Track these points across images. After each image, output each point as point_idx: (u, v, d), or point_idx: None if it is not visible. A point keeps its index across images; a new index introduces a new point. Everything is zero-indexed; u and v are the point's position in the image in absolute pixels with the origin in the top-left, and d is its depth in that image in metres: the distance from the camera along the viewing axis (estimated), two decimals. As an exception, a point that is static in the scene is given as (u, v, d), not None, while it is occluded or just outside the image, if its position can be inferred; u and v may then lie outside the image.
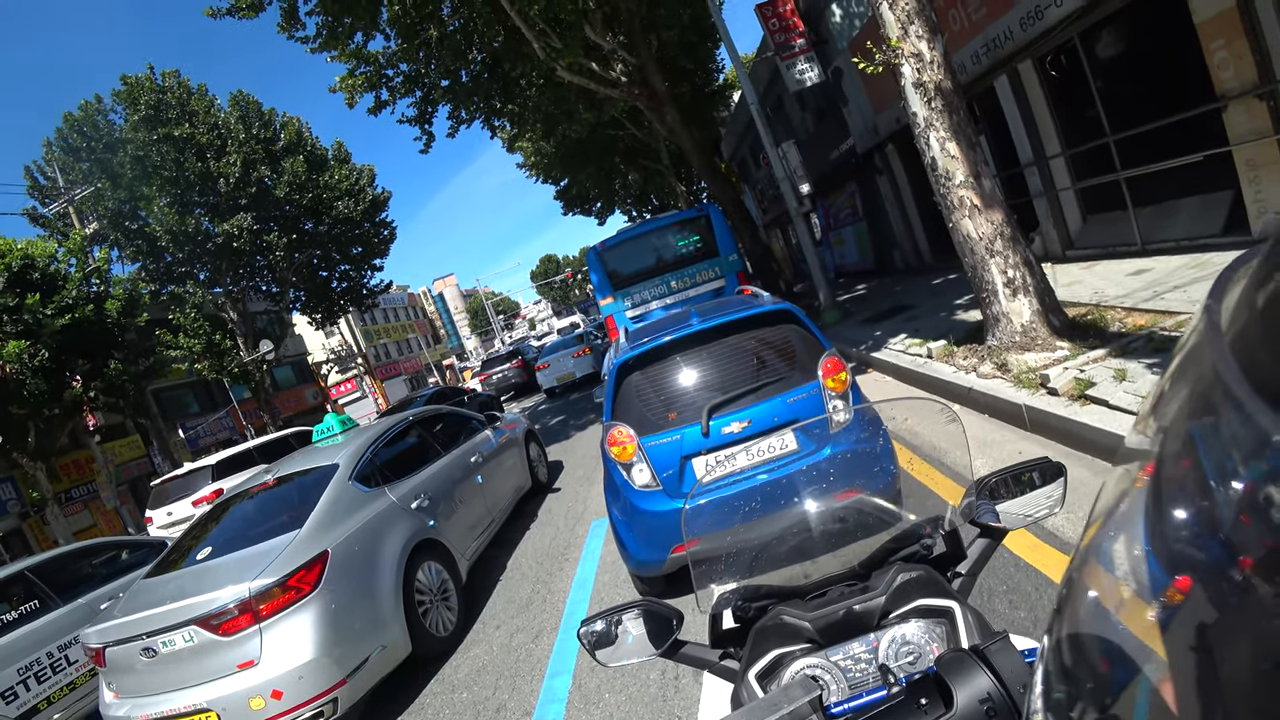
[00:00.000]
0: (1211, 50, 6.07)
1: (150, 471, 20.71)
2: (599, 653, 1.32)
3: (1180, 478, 0.40)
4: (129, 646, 3.66)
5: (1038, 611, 2.78)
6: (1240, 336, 0.38)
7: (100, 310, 14.94)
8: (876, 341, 8.53)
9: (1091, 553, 0.49)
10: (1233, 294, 0.42)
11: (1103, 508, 0.49)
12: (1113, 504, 0.48)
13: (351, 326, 45.70)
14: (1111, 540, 0.46)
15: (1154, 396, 0.46)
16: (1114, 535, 0.46)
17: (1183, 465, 0.40)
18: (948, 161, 5.62)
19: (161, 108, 19.61)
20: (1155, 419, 0.44)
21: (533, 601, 4.77)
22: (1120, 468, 0.48)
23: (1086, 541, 0.50)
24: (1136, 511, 0.43)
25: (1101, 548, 0.48)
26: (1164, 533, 0.40)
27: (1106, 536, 0.47)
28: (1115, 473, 0.49)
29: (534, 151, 25.15)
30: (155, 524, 11.77)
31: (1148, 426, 0.45)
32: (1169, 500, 0.40)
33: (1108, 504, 0.49)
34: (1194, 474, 0.38)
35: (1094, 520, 0.50)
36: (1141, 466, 0.44)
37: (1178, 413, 0.42)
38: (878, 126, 13.39)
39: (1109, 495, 0.49)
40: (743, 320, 3.84)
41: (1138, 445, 0.46)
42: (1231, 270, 0.44)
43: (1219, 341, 0.39)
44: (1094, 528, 0.49)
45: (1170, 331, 4.77)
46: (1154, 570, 0.40)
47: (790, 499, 1.58)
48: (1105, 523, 0.48)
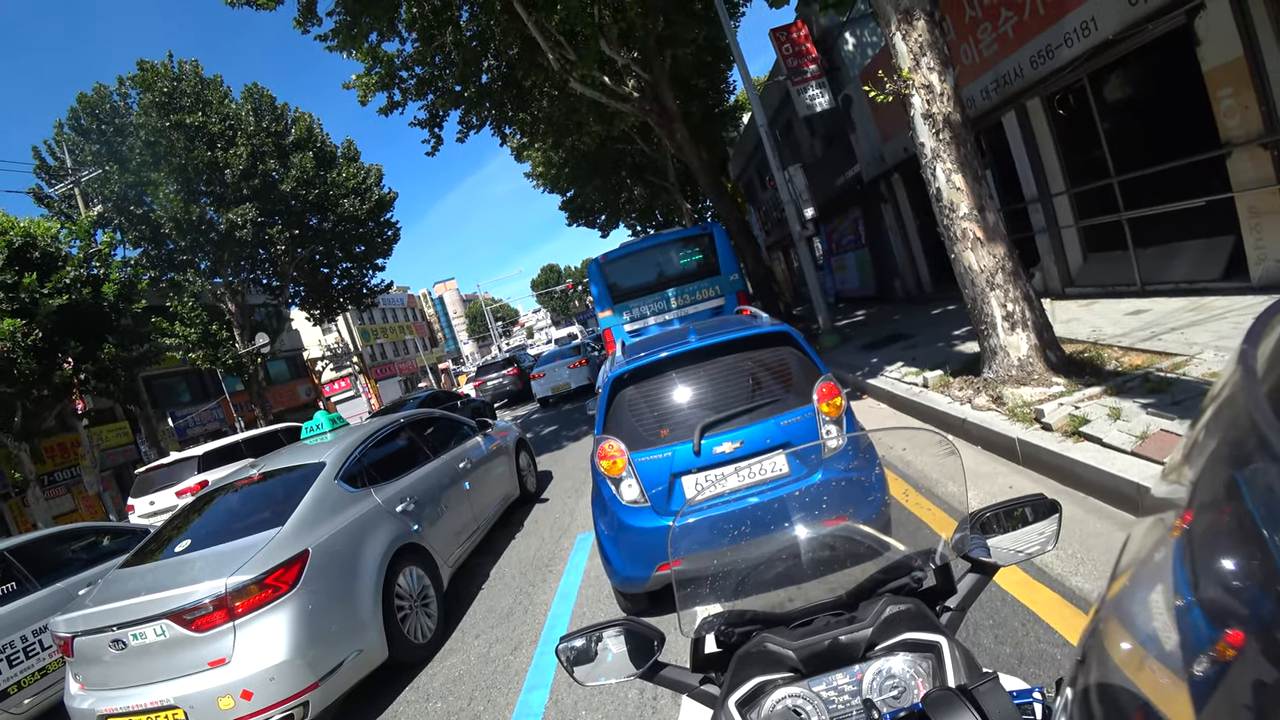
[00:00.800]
0: (1219, 97, 6.13)
1: (136, 459, 20.54)
2: (577, 670, 1.29)
3: (1225, 526, 0.37)
4: (98, 637, 3.59)
5: (1024, 648, 2.74)
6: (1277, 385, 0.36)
7: (98, 293, 14.87)
8: (873, 368, 8.52)
9: (1122, 602, 0.47)
10: (1269, 341, 0.40)
11: (1133, 557, 0.47)
12: (1145, 553, 0.45)
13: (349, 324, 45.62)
14: (1146, 590, 0.44)
15: (1186, 445, 0.44)
16: (1148, 585, 0.44)
17: (1224, 513, 0.38)
18: (953, 193, 5.64)
19: (176, 95, 19.68)
20: (1189, 467, 0.42)
21: (514, 612, 4.71)
22: (1149, 518, 0.46)
23: (1115, 590, 0.48)
24: (1172, 561, 0.41)
25: (1134, 597, 0.45)
26: (1209, 584, 0.37)
27: (1140, 586, 0.45)
28: (1144, 522, 0.47)
29: (542, 161, 25.27)
30: (137, 512, 11.65)
31: (1181, 475, 0.43)
32: (1214, 550, 0.38)
33: (1138, 553, 0.46)
34: (1241, 522, 0.36)
35: (1123, 570, 0.48)
36: (1177, 515, 0.42)
37: (1217, 460, 0.39)
38: (884, 155, 13.49)
39: (1139, 545, 0.46)
40: (740, 340, 3.83)
41: (1170, 494, 0.44)
42: (1268, 316, 0.42)
43: (1255, 389, 0.37)
44: (1124, 577, 0.47)
45: (1167, 373, 4.77)
46: (1199, 623, 0.38)
47: (779, 523, 1.56)
48: (1137, 572, 0.46)
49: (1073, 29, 7.24)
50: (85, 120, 19.64)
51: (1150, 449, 3.71)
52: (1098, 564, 3.17)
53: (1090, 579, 3.07)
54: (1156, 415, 4.09)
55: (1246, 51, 5.79)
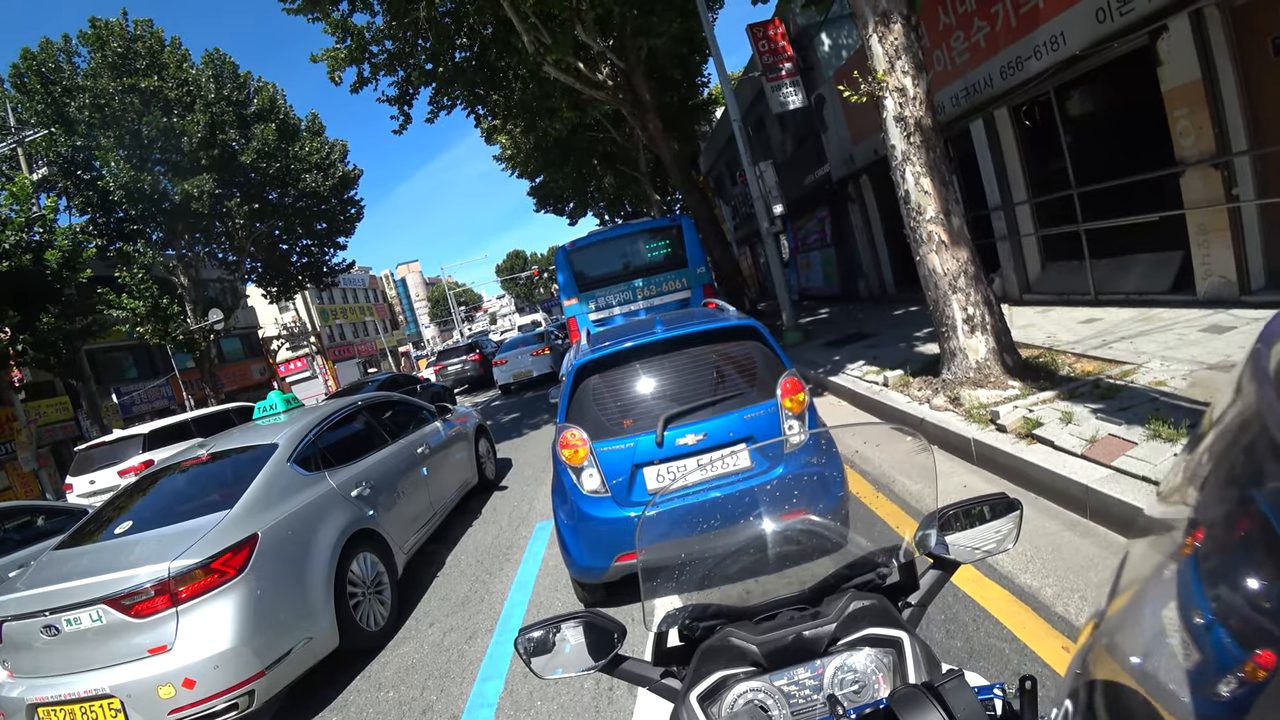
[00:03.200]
0: (1175, 117, 6.34)
1: (76, 436, 19.71)
2: (535, 661, 1.26)
3: (1245, 545, 0.36)
4: (29, 622, 3.42)
5: (974, 642, 2.81)
6: None
7: (39, 260, 14.16)
8: (835, 366, 8.63)
9: (1128, 619, 0.45)
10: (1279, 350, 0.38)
11: (1134, 575, 0.46)
12: (1149, 572, 0.44)
13: (308, 303, 44.53)
14: (1154, 608, 0.43)
15: (1187, 466, 0.43)
16: (1156, 603, 0.43)
17: (1243, 529, 0.36)
18: (921, 196, 5.72)
19: (130, 56, 18.80)
20: (1193, 487, 0.41)
21: (469, 601, 4.65)
22: (1150, 537, 0.45)
23: (1118, 607, 0.47)
24: (1185, 580, 0.40)
25: (1141, 615, 0.44)
26: (1234, 602, 0.36)
27: (1146, 603, 0.44)
28: (1143, 542, 0.46)
29: (512, 145, 24.92)
30: (75, 491, 11.19)
31: (1185, 495, 0.41)
32: (1236, 569, 0.36)
33: (1141, 571, 0.45)
34: (1265, 538, 0.34)
35: (1125, 587, 0.46)
36: (1185, 534, 0.41)
37: (1228, 477, 0.38)
38: (854, 156, 13.65)
39: (1141, 563, 0.45)
40: (707, 333, 3.83)
41: (1173, 514, 0.42)
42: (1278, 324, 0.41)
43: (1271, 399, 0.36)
44: (1126, 595, 0.46)
45: (1116, 380, 4.93)
46: (1223, 642, 0.37)
47: (743, 516, 1.56)
48: (1142, 590, 0.45)
49: (1042, 42, 7.41)
50: (30, 79, 18.63)
51: (1099, 452, 3.83)
52: (1046, 562, 3.26)
53: (1038, 577, 3.16)
54: (1105, 420, 4.23)
55: (1204, 75, 6.00)
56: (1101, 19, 6.53)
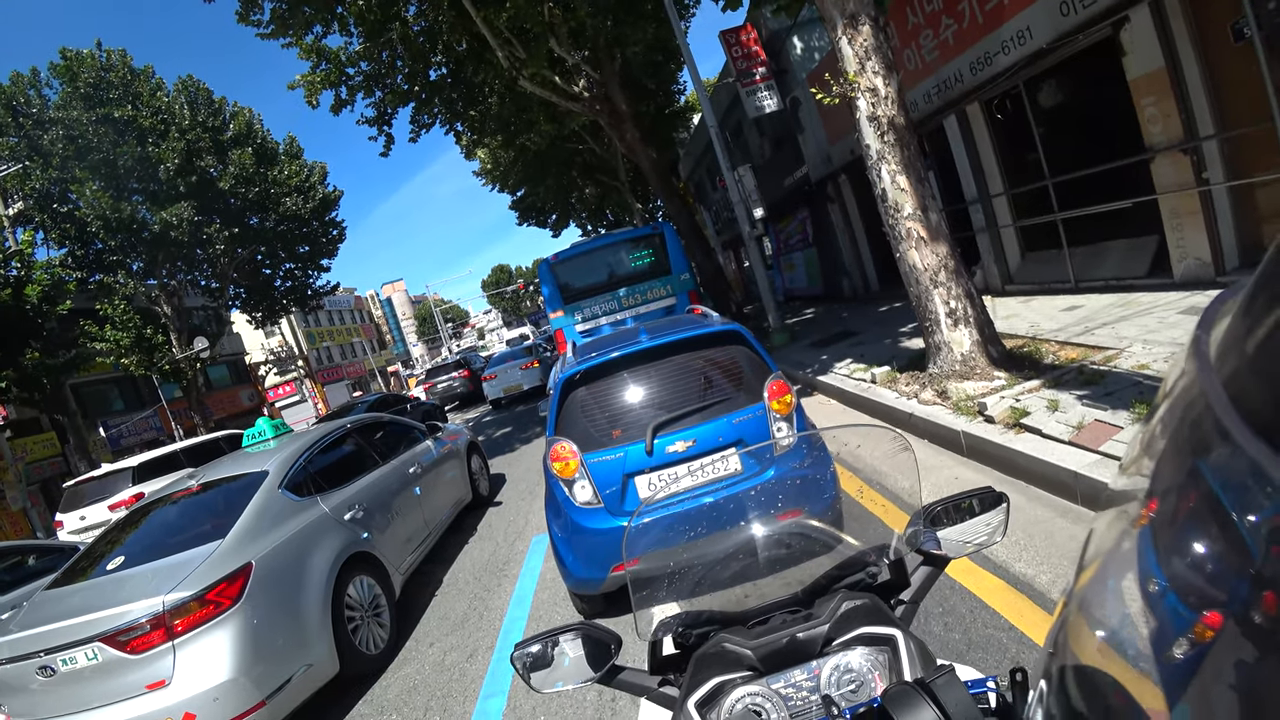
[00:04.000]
0: (1143, 106, 6.46)
1: (65, 472, 19.44)
2: (533, 676, 1.27)
3: (1193, 512, 0.38)
4: (24, 664, 3.38)
5: (971, 634, 2.84)
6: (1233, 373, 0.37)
7: (19, 296, 13.99)
8: (823, 365, 8.69)
9: (1092, 593, 0.48)
10: (1220, 327, 0.41)
11: (1098, 548, 0.48)
12: (1111, 544, 0.46)
13: (294, 327, 44.22)
14: (1115, 579, 0.45)
15: (1143, 438, 0.45)
16: (1117, 575, 0.45)
17: (1190, 499, 0.39)
18: (897, 194, 5.79)
19: (102, 86, 18.66)
20: (1148, 458, 0.43)
21: (468, 619, 4.63)
22: (1111, 510, 0.47)
23: (1084, 581, 0.49)
24: (1142, 549, 0.42)
25: (1104, 588, 0.46)
26: (1182, 569, 0.38)
27: (1108, 576, 0.46)
28: (1106, 515, 0.48)
29: (491, 159, 24.93)
30: (66, 528, 11.04)
31: (1140, 466, 0.44)
32: (1184, 535, 0.38)
33: (1104, 544, 0.47)
34: (1210, 507, 0.37)
35: (1089, 562, 0.49)
36: (1141, 505, 0.43)
37: (1177, 449, 0.41)
38: (831, 156, 13.77)
39: (1104, 536, 0.47)
40: (691, 339, 3.85)
41: (1130, 486, 0.45)
42: (1218, 304, 0.43)
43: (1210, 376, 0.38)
44: (1091, 569, 0.48)
45: (1099, 366, 5.00)
46: (1175, 607, 0.39)
47: (734, 521, 1.57)
48: (1105, 563, 0.47)
49: (1009, 37, 7.52)
50: (0, 113, 18.47)
51: (1086, 438, 3.88)
52: (1039, 550, 3.30)
53: (1032, 565, 3.19)
54: (1091, 406, 4.29)
55: (1168, 63, 6.12)
56: (1065, 12, 6.65)
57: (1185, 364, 0.43)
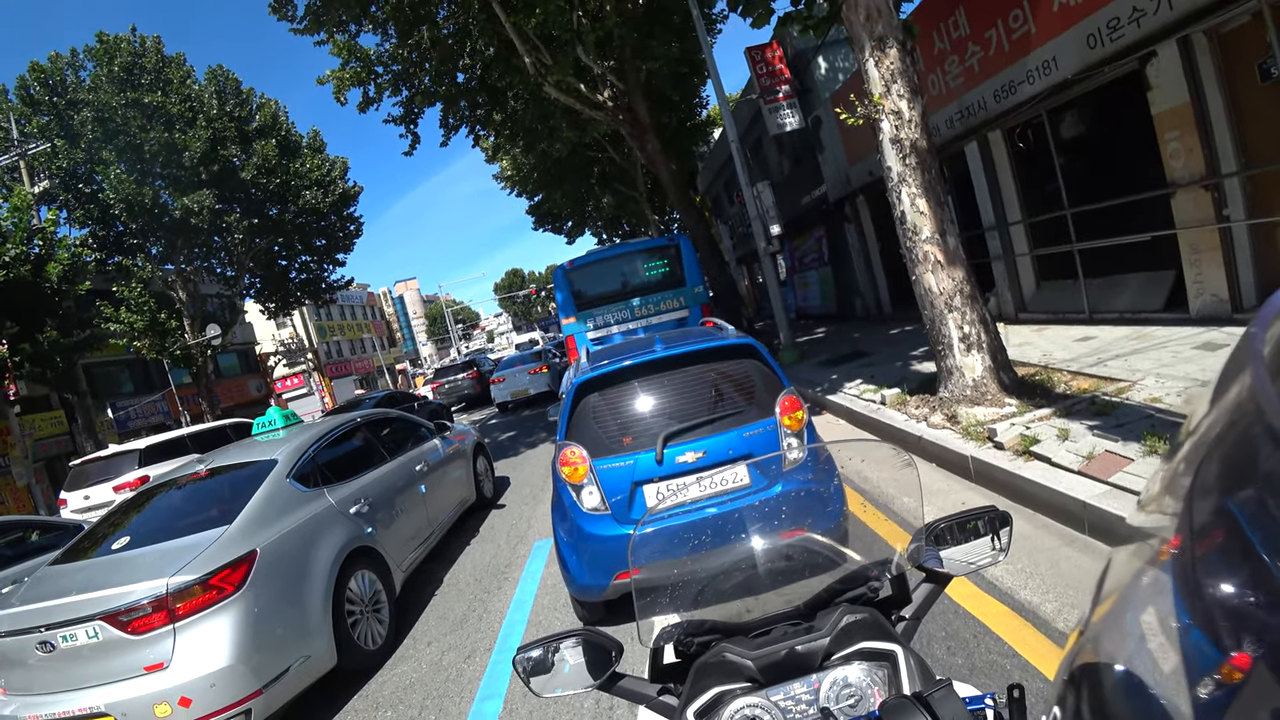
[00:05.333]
0: (1166, 140, 6.45)
1: (71, 450, 19.58)
2: (534, 681, 1.27)
3: (1221, 551, 0.38)
4: (25, 638, 3.40)
5: (975, 659, 2.81)
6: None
7: (38, 273, 14.15)
8: (832, 384, 8.66)
9: (1110, 625, 0.47)
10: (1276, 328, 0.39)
11: (1117, 582, 0.48)
12: (1130, 578, 0.46)
13: (305, 320, 44.52)
14: (1135, 613, 0.45)
15: (1165, 476, 0.45)
16: (1137, 608, 0.45)
17: (1219, 538, 0.38)
18: (916, 217, 5.79)
19: (135, 71, 18.96)
20: (1170, 496, 0.43)
21: (467, 619, 4.63)
22: (1131, 545, 0.47)
23: (1101, 613, 0.49)
24: (1164, 586, 0.42)
25: (1124, 620, 0.46)
26: (1209, 608, 0.38)
27: (1128, 609, 0.46)
28: (1124, 550, 0.48)
29: (513, 165, 25.09)
30: (70, 507, 11.10)
31: (1162, 504, 0.43)
32: (1212, 574, 0.38)
33: (1123, 578, 0.47)
34: (1240, 546, 0.36)
35: (1107, 594, 0.48)
36: (1163, 541, 0.43)
37: (1204, 487, 0.40)
38: (850, 177, 13.80)
39: (1123, 570, 0.47)
40: (705, 351, 3.85)
41: (1151, 523, 0.44)
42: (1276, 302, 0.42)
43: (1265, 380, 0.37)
44: (1109, 601, 0.48)
45: (1112, 397, 4.97)
46: (1200, 646, 0.38)
47: (739, 534, 1.57)
48: (1124, 596, 0.47)
49: (1035, 67, 7.54)
50: (36, 90, 18.75)
51: (1096, 469, 3.85)
52: (1045, 578, 3.27)
53: (1038, 593, 3.17)
54: (1102, 437, 4.26)
55: (1193, 98, 6.11)
56: (1093, 45, 6.66)
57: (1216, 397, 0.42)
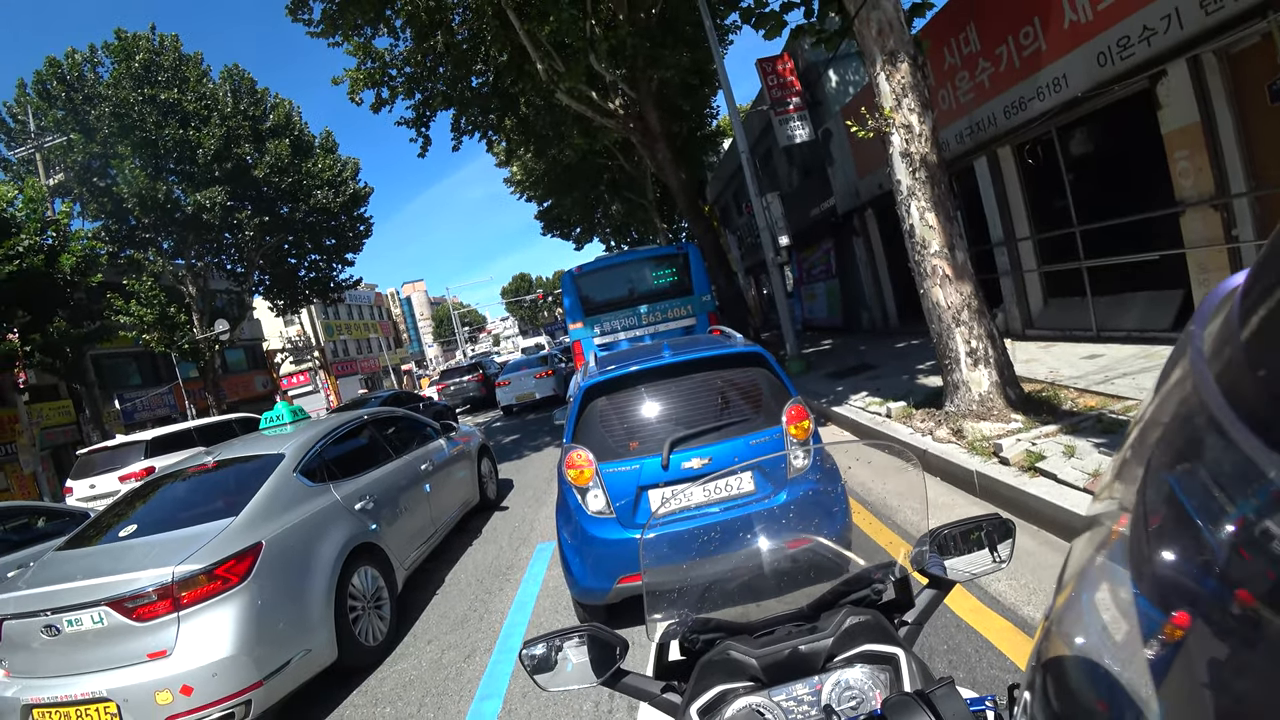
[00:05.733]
0: (1175, 159, 6.46)
1: (78, 440, 19.67)
2: (539, 676, 1.28)
3: (1161, 523, 0.40)
4: (30, 622, 3.42)
5: (976, 673, 2.81)
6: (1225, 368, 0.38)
7: (51, 264, 14.27)
8: (838, 396, 8.66)
9: (1071, 607, 0.49)
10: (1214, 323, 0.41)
11: (1075, 568, 0.50)
12: (1086, 561, 0.48)
13: (313, 318, 44.67)
14: (1092, 591, 0.47)
15: (1115, 465, 0.47)
16: (1093, 587, 0.47)
17: (1160, 511, 0.41)
18: (925, 231, 5.81)
19: (152, 68, 19.18)
20: (1120, 482, 0.45)
21: (468, 619, 4.64)
22: (1087, 532, 0.49)
23: (1064, 598, 0.51)
24: (1114, 563, 0.44)
25: (1081, 600, 0.48)
26: (1152, 575, 0.40)
27: (1085, 589, 0.48)
28: (1082, 538, 0.50)
29: (523, 171, 25.24)
30: (75, 495, 11.16)
31: (1113, 490, 0.46)
32: (1153, 544, 0.40)
33: (1080, 563, 0.49)
34: (1176, 517, 0.39)
35: (1068, 580, 0.51)
36: (1113, 522, 0.45)
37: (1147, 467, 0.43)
38: (859, 190, 13.83)
39: (1080, 556, 0.49)
40: (713, 359, 3.87)
41: (1104, 509, 0.47)
42: (1213, 299, 0.43)
43: (1204, 371, 0.39)
44: (1069, 586, 0.50)
45: (1119, 415, 4.96)
46: (1146, 610, 0.40)
47: (745, 540, 1.58)
48: (1080, 579, 0.49)
49: (1045, 84, 7.57)
50: (53, 85, 18.97)
51: (1100, 488, 3.85)
52: (1048, 594, 3.25)
53: (1040, 608, 3.16)
54: (1108, 454, 4.25)
55: (1203, 118, 6.13)
56: (1103, 63, 6.69)
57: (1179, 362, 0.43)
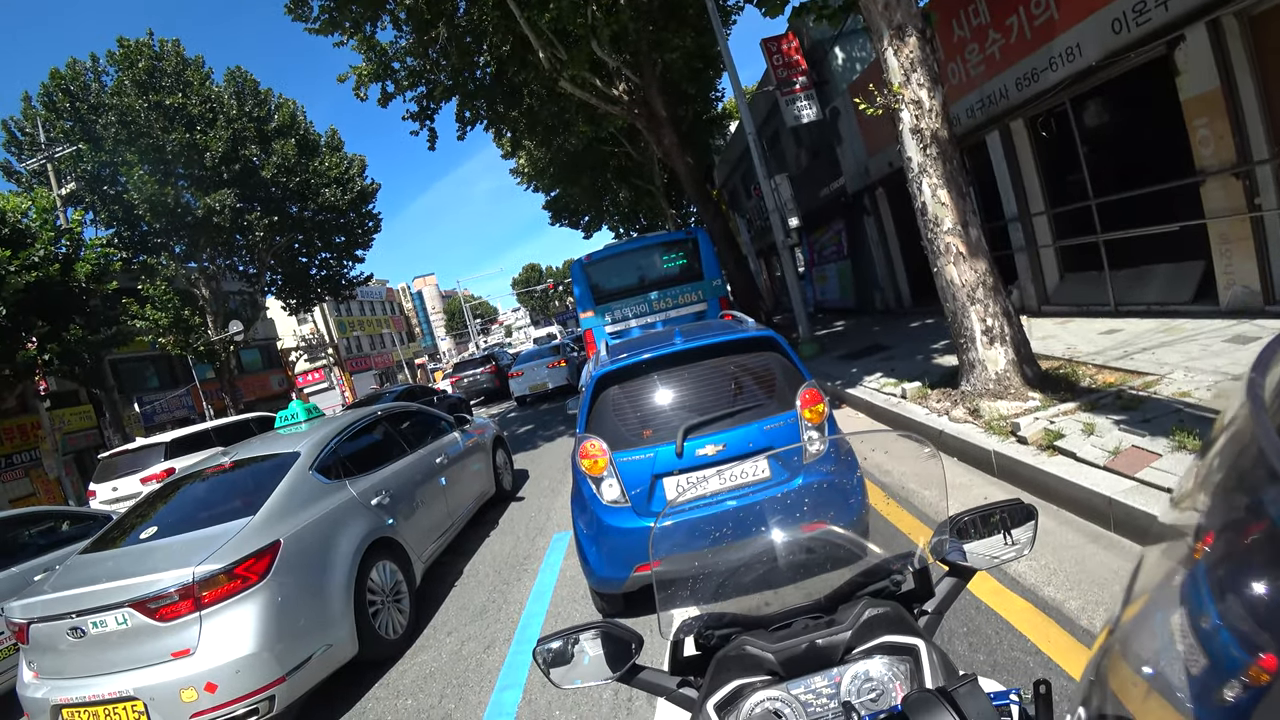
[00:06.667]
0: (1195, 127, 6.30)
1: (99, 443, 20.00)
2: (554, 672, 1.27)
3: (1253, 548, 0.37)
4: (56, 624, 3.47)
5: (996, 655, 2.78)
6: None
7: (67, 272, 14.44)
8: (852, 378, 8.60)
9: (1140, 626, 0.46)
10: (1275, 371, 0.40)
11: (1147, 582, 0.47)
12: (1161, 578, 0.45)
13: (326, 315, 45.02)
14: (1165, 613, 0.44)
15: (1198, 473, 0.44)
16: (1167, 609, 0.43)
17: (1250, 534, 0.37)
18: (938, 208, 5.71)
19: (155, 74, 19.28)
20: (1204, 493, 0.42)
21: (487, 610, 4.66)
22: (1163, 544, 0.46)
23: (1131, 614, 0.47)
24: (1195, 585, 0.40)
25: (1153, 621, 0.45)
26: (1238, 607, 0.37)
27: (1158, 609, 0.44)
28: (1156, 548, 0.46)
29: (529, 161, 25.17)
30: (99, 498, 11.34)
31: (1196, 500, 0.42)
32: (1242, 573, 0.37)
33: (1154, 578, 0.46)
34: (1271, 546, 0.35)
35: (1138, 594, 0.47)
36: (1197, 539, 0.42)
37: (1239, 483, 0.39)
38: (869, 169, 13.66)
39: (1154, 570, 0.46)
40: (726, 344, 3.84)
41: (1185, 520, 0.43)
42: (1275, 346, 0.42)
43: (1264, 419, 0.37)
44: (1139, 602, 0.47)
45: (1139, 391, 4.88)
46: (1229, 646, 0.37)
47: (760, 527, 1.56)
48: (1154, 596, 0.45)
49: (1058, 54, 7.40)
50: (58, 97, 19.11)
51: (1122, 464, 3.79)
52: (1069, 575, 3.22)
53: (1062, 589, 3.12)
54: (1128, 431, 4.18)
55: (1223, 83, 5.96)
56: (1118, 30, 6.52)
57: (1238, 409, 0.41)
